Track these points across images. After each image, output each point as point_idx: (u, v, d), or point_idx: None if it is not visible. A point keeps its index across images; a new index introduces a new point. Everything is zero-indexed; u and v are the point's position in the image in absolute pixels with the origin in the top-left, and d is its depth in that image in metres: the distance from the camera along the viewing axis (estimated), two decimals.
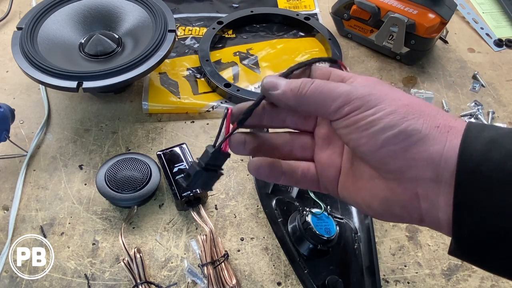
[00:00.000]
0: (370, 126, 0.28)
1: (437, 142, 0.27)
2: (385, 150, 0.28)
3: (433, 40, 0.69)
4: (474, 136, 0.27)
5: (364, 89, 0.29)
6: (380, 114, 0.28)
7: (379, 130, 0.28)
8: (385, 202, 0.30)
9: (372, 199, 0.30)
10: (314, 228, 0.46)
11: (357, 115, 0.28)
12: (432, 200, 0.28)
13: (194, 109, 0.63)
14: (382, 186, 0.29)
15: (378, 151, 0.28)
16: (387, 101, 0.28)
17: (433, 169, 0.27)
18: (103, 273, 0.48)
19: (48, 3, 0.62)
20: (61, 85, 0.53)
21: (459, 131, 0.27)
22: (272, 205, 0.50)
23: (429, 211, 0.28)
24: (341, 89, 0.29)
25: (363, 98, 0.28)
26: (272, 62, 0.70)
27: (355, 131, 0.29)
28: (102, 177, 0.51)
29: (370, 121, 0.28)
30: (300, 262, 0.46)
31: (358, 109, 0.28)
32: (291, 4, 0.81)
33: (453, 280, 0.49)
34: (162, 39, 0.58)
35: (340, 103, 0.29)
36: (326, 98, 0.29)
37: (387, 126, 0.27)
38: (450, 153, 0.27)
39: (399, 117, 0.28)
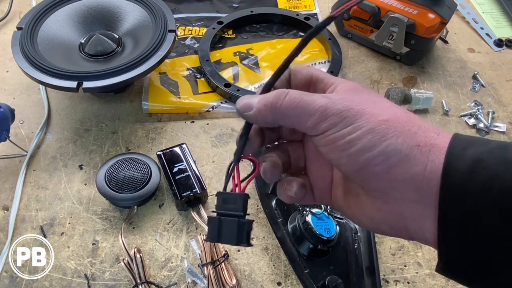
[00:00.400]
0: (349, 146, 0.27)
1: (418, 162, 0.26)
2: (366, 171, 0.27)
3: (433, 40, 0.69)
4: (458, 155, 0.25)
5: (342, 103, 0.27)
6: (358, 133, 0.26)
7: (358, 150, 0.26)
8: (372, 220, 0.29)
9: (361, 215, 0.30)
10: (314, 228, 0.46)
11: (334, 133, 0.27)
12: (418, 221, 0.27)
13: (194, 109, 0.63)
14: (369, 204, 0.29)
15: (359, 172, 0.27)
16: (365, 117, 0.27)
17: (416, 191, 0.26)
18: (103, 273, 0.48)
19: (48, 3, 0.62)
20: (61, 85, 0.53)
21: (441, 149, 0.26)
22: (272, 205, 0.50)
23: (416, 231, 0.27)
24: (318, 103, 0.28)
25: (340, 115, 0.27)
26: (272, 62, 0.70)
27: (334, 150, 0.27)
28: (102, 177, 0.51)
29: (348, 141, 0.27)
30: (300, 262, 0.46)
31: (335, 126, 0.27)
32: (291, 4, 0.81)
33: (453, 280, 0.48)
34: (162, 39, 0.58)
35: (316, 119, 0.27)
36: (302, 113, 0.28)
37: (366, 147, 0.26)
38: (432, 175, 0.25)
39: (378, 136, 0.26)
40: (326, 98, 0.28)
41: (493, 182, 0.24)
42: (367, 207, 0.29)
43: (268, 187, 0.51)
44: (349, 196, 0.30)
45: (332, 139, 0.27)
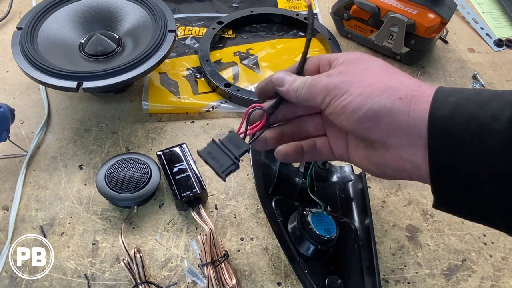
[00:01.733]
0: (345, 110, 0.33)
1: (402, 113, 0.31)
2: (362, 127, 0.33)
3: (433, 40, 0.69)
4: (441, 103, 0.31)
5: (338, 78, 0.34)
6: (350, 98, 0.33)
7: (351, 112, 0.33)
8: (378, 166, 0.35)
9: (369, 164, 0.36)
10: (314, 228, 0.46)
11: (334, 102, 0.34)
12: (413, 162, 0.32)
13: (194, 109, 0.63)
14: (373, 153, 0.35)
15: (357, 129, 0.34)
16: (355, 84, 0.33)
17: (405, 136, 0.32)
18: (103, 273, 0.48)
19: (48, 3, 0.62)
20: (61, 85, 0.53)
21: (422, 98, 0.31)
22: (272, 205, 0.50)
23: (413, 171, 0.33)
24: (321, 83, 0.35)
25: (336, 88, 0.34)
26: (272, 62, 0.70)
27: (337, 116, 0.34)
28: (102, 177, 0.51)
29: (344, 106, 0.33)
30: (300, 262, 0.46)
31: (335, 97, 0.34)
32: (291, 4, 0.81)
33: (453, 280, 0.49)
34: (162, 39, 0.58)
35: (322, 96, 0.35)
36: (314, 95, 0.35)
37: (357, 108, 0.33)
38: (415, 121, 0.31)
39: (365, 97, 0.33)
40: (327, 76, 0.35)
41: (469, 122, 0.29)
42: (374, 156, 0.35)
43: (268, 187, 0.51)
44: (360, 151, 0.37)
45: (334, 107, 0.34)
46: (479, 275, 0.49)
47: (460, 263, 0.50)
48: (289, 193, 0.52)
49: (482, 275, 0.49)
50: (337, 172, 0.56)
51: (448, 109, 0.30)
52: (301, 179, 0.53)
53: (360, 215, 0.51)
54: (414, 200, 0.55)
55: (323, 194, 0.53)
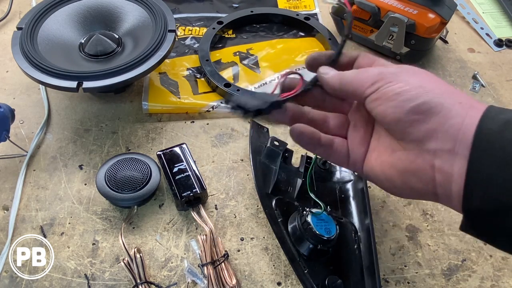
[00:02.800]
0: (398, 97, 0.31)
1: (458, 115, 0.29)
2: (409, 118, 0.31)
3: (433, 40, 0.69)
4: (492, 117, 0.29)
5: (394, 69, 0.33)
6: (409, 86, 0.31)
7: (405, 100, 0.31)
8: (403, 174, 0.32)
9: (393, 171, 0.33)
10: (314, 228, 0.46)
11: (386, 88, 0.32)
12: (446, 172, 0.30)
13: (194, 109, 0.63)
14: (403, 157, 0.32)
15: (402, 120, 0.31)
16: (415, 78, 0.32)
17: (451, 141, 0.29)
18: (103, 273, 0.48)
19: (48, 3, 0.62)
20: (61, 85, 0.53)
21: (480, 110, 0.30)
22: (272, 205, 0.50)
23: (443, 183, 0.30)
24: (374, 70, 0.34)
25: (393, 75, 0.32)
26: (272, 62, 0.70)
27: (383, 102, 0.32)
28: (102, 177, 0.51)
29: (397, 93, 0.31)
30: (300, 262, 0.46)
31: (388, 83, 0.32)
32: (291, 4, 0.81)
33: (453, 280, 0.49)
34: (162, 39, 0.58)
35: (371, 81, 0.33)
36: (362, 79, 0.34)
37: (412, 97, 0.31)
38: (468, 127, 0.29)
39: (425, 90, 0.31)
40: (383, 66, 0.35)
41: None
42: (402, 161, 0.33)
43: (268, 187, 0.51)
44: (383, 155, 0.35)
45: (384, 93, 0.32)
46: (479, 275, 0.49)
47: (460, 263, 0.50)
48: (289, 193, 0.52)
49: (482, 275, 0.49)
50: (337, 172, 0.56)
51: (498, 124, 0.28)
52: (301, 179, 0.53)
53: (360, 215, 0.51)
54: (414, 200, 0.55)
55: (323, 194, 0.53)
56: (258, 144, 0.55)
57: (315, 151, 0.39)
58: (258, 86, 0.67)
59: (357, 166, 0.38)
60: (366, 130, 0.38)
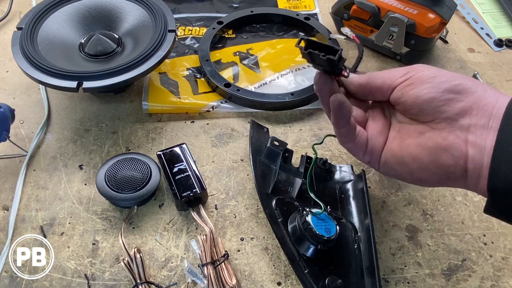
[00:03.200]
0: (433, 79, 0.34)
1: (492, 96, 0.32)
2: (445, 97, 0.33)
3: (433, 40, 0.69)
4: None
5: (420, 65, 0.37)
6: (443, 73, 0.34)
7: (440, 81, 0.34)
8: (433, 151, 0.34)
9: (420, 151, 0.35)
10: (314, 228, 0.46)
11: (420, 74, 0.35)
12: (479, 145, 0.31)
13: (194, 109, 0.63)
14: (433, 136, 0.34)
15: (437, 98, 0.33)
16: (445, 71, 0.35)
17: (486, 117, 0.32)
18: (103, 273, 0.48)
19: (48, 3, 0.62)
20: (61, 85, 0.53)
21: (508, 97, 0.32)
22: (272, 205, 0.50)
23: (475, 156, 0.32)
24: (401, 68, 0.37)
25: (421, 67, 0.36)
26: (272, 62, 0.70)
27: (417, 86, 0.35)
28: (102, 177, 0.51)
29: (432, 76, 0.34)
30: (300, 262, 0.46)
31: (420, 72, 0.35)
32: (291, 4, 0.81)
33: (453, 280, 0.49)
34: (162, 39, 0.58)
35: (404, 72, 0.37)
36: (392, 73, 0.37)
37: (448, 79, 0.34)
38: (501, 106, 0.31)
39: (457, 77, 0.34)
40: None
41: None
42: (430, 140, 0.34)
43: (268, 187, 0.51)
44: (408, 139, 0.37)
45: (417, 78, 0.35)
46: (479, 275, 0.49)
47: (460, 263, 0.50)
48: (289, 193, 0.52)
49: (482, 275, 0.49)
50: (337, 172, 0.56)
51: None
52: (301, 179, 0.53)
53: (360, 215, 0.51)
54: (414, 200, 0.55)
55: (323, 194, 0.53)
56: (258, 144, 0.55)
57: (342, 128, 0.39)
58: (258, 86, 0.67)
59: (374, 154, 0.40)
60: (385, 124, 0.40)
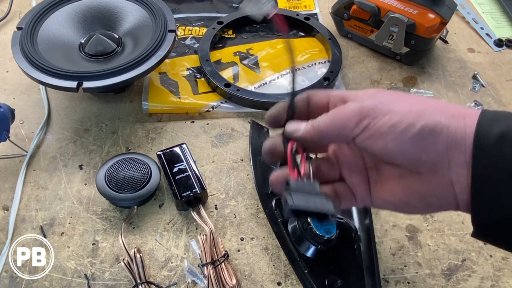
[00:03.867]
0: (393, 130, 0.30)
1: (459, 129, 0.29)
2: (415, 147, 0.30)
3: (433, 40, 0.69)
4: (486, 132, 0.28)
5: (371, 101, 0.31)
6: (398, 117, 0.30)
7: (404, 130, 0.29)
8: (421, 196, 0.31)
9: (408, 196, 0.32)
10: (314, 228, 0.45)
11: (376, 123, 0.30)
12: (462, 183, 0.29)
13: (194, 109, 0.63)
14: (416, 181, 0.31)
15: (408, 150, 0.30)
16: (397, 104, 0.31)
17: (462, 154, 0.29)
18: (103, 273, 0.48)
19: (48, 3, 0.62)
20: (61, 85, 0.53)
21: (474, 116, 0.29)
22: (272, 205, 0.50)
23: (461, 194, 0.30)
24: (351, 108, 0.32)
25: (375, 108, 0.31)
26: (272, 62, 0.70)
27: (380, 138, 0.30)
28: (102, 177, 0.51)
29: (392, 125, 0.30)
30: (300, 262, 0.46)
31: (376, 118, 0.30)
32: (291, 4, 0.81)
33: (453, 280, 0.49)
34: (162, 39, 0.58)
35: (356, 120, 0.31)
36: (343, 122, 0.32)
37: (409, 125, 0.29)
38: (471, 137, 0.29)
39: (416, 115, 0.29)
40: (356, 101, 0.32)
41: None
42: (414, 184, 0.31)
43: (268, 187, 0.51)
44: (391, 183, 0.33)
45: (376, 129, 0.30)
46: (479, 275, 0.49)
47: (460, 263, 0.50)
48: None
49: (482, 275, 0.49)
50: None
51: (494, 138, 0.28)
52: None
53: (360, 215, 0.51)
54: None
55: None
56: (258, 144, 0.55)
57: None
58: (258, 86, 0.67)
59: (366, 202, 0.36)
60: (359, 164, 0.36)
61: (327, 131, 0.33)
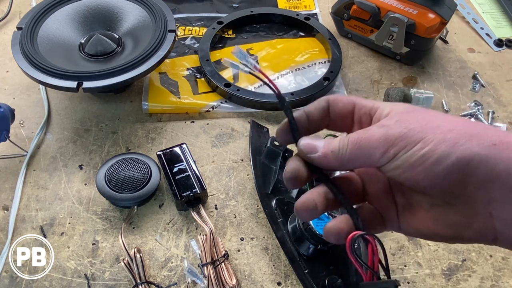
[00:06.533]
0: (424, 160, 0.27)
1: (500, 161, 0.26)
2: (448, 180, 0.27)
3: (433, 40, 0.69)
4: None
5: (400, 127, 0.28)
6: (430, 146, 0.27)
7: (435, 162, 0.26)
8: (454, 228, 0.29)
9: (439, 227, 0.29)
10: (314, 228, 0.46)
11: (405, 153, 0.27)
12: (507, 220, 0.27)
13: (194, 109, 0.63)
14: (449, 212, 0.29)
15: (441, 183, 0.27)
16: (430, 130, 0.27)
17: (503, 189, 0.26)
18: (103, 273, 0.48)
19: (48, 3, 0.62)
20: (61, 85, 0.53)
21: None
22: (272, 205, 0.50)
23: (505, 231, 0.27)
24: (378, 135, 0.28)
25: (404, 136, 0.27)
26: (272, 62, 0.70)
27: (408, 170, 0.27)
28: (102, 177, 0.51)
29: (422, 155, 0.27)
30: (300, 262, 0.46)
31: (405, 147, 0.27)
32: (291, 4, 0.81)
33: (453, 280, 0.49)
34: (162, 39, 0.58)
35: (383, 149, 0.28)
36: (368, 150, 0.29)
37: (442, 157, 0.26)
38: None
39: (451, 144, 0.26)
40: (382, 127, 0.29)
41: None
42: (449, 216, 0.29)
43: (268, 187, 0.51)
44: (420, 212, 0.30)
45: (404, 160, 0.27)
46: (479, 275, 0.49)
47: (460, 263, 0.50)
48: (289, 193, 0.52)
49: (482, 275, 0.49)
50: (337, 171, 0.56)
51: None
52: None
53: None
54: None
55: None
56: (258, 144, 0.55)
57: None
58: (258, 86, 0.67)
59: (395, 228, 0.33)
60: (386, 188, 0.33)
61: (349, 159, 0.29)
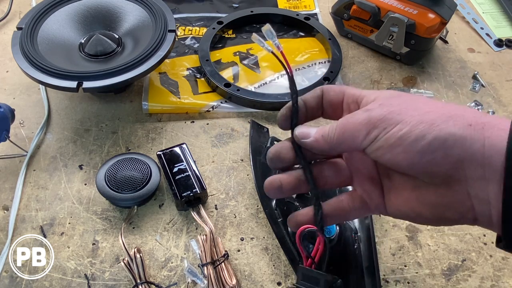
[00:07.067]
0: (402, 141, 0.28)
1: (475, 140, 0.27)
2: (425, 160, 0.28)
3: (433, 40, 0.69)
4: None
5: (382, 110, 0.30)
6: (408, 127, 0.28)
7: (413, 142, 0.28)
8: (436, 208, 0.30)
9: (422, 207, 0.31)
10: None
11: (385, 135, 0.29)
12: (483, 199, 0.28)
13: (194, 109, 0.63)
14: (430, 192, 0.30)
15: (419, 163, 0.28)
16: (409, 113, 0.29)
17: (478, 169, 0.27)
18: (103, 273, 0.48)
19: (48, 3, 0.62)
20: (61, 85, 0.53)
21: (494, 126, 0.27)
22: (272, 205, 0.50)
23: (482, 210, 0.28)
24: (360, 118, 0.30)
25: (384, 119, 0.29)
26: (272, 62, 0.70)
27: (389, 150, 0.29)
28: (102, 177, 0.51)
29: (400, 137, 0.28)
30: (300, 262, 0.46)
31: (385, 129, 0.29)
32: (291, 4, 0.81)
33: (453, 280, 0.49)
34: (162, 39, 0.58)
35: (365, 132, 0.30)
36: (352, 133, 0.31)
37: (419, 137, 0.28)
38: (491, 151, 0.27)
39: (427, 125, 0.28)
40: (366, 111, 0.31)
41: None
42: (430, 196, 0.30)
43: None
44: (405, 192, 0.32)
45: (384, 141, 0.29)
46: (479, 275, 0.49)
47: (460, 263, 0.50)
48: None
49: (482, 275, 0.49)
50: None
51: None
52: None
53: None
54: None
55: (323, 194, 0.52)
56: (258, 144, 0.55)
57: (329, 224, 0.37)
58: (258, 86, 0.67)
59: (381, 211, 0.35)
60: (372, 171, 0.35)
61: (336, 142, 0.32)
